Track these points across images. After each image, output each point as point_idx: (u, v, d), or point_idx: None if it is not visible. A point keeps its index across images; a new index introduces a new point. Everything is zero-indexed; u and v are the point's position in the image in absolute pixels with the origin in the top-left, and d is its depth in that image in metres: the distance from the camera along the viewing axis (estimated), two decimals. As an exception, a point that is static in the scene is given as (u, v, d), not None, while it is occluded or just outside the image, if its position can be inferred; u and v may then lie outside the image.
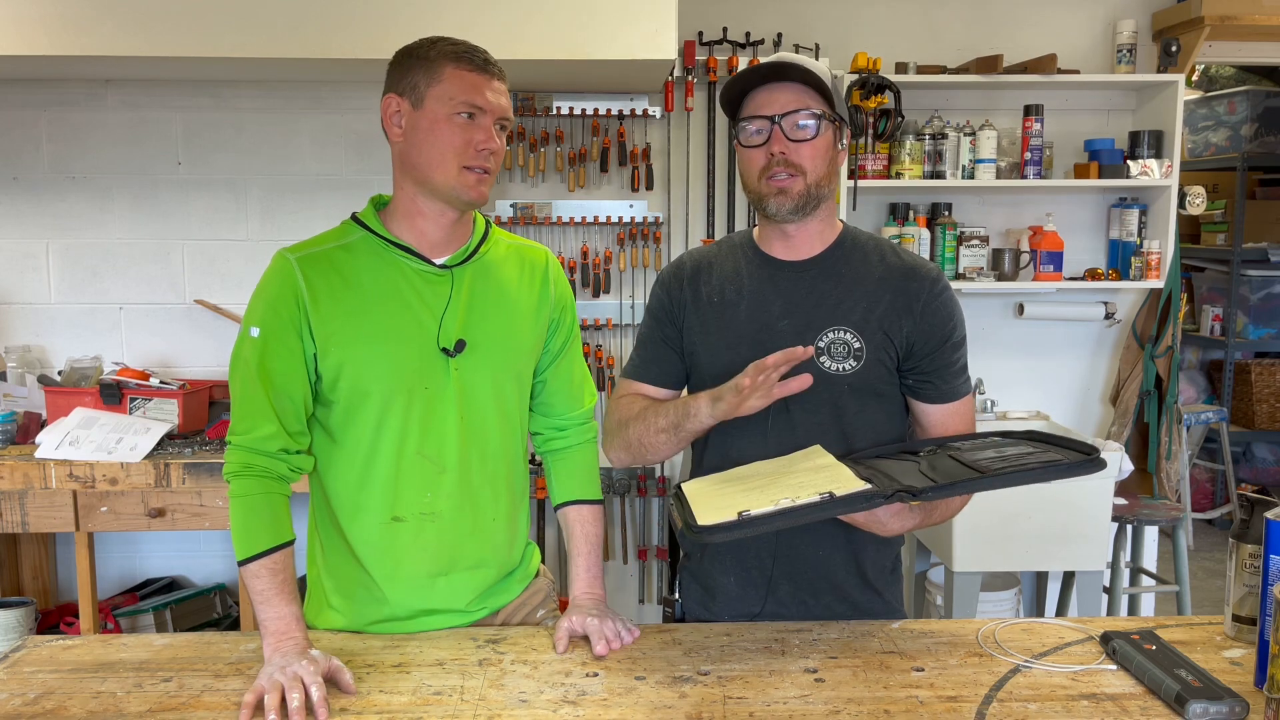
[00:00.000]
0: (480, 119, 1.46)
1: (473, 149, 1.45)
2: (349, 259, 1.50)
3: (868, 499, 1.32)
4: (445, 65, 1.45)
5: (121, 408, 2.97)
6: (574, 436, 1.70)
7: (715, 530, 1.31)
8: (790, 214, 1.54)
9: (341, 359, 1.47)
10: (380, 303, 1.49)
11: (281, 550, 1.44)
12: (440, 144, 1.45)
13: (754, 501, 1.34)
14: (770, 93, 1.53)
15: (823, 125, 1.52)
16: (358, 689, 1.34)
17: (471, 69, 1.46)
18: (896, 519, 1.45)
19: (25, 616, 2.91)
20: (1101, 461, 1.37)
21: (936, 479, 1.37)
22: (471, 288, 1.54)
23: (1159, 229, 3.36)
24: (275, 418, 1.46)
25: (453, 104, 1.44)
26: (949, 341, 1.58)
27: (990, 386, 3.52)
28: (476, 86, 1.45)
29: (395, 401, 1.49)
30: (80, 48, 2.70)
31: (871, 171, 3.29)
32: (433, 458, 1.52)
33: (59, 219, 3.27)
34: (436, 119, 1.45)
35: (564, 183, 3.39)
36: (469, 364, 1.52)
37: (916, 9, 3.43)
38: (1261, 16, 3.29)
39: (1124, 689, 1.32)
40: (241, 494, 1.45)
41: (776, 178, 1.52)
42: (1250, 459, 5.59)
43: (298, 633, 1.39)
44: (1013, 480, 1.36)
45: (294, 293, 1.46)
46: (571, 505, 1.68)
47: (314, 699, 1.27)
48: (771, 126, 1.52)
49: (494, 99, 1.47)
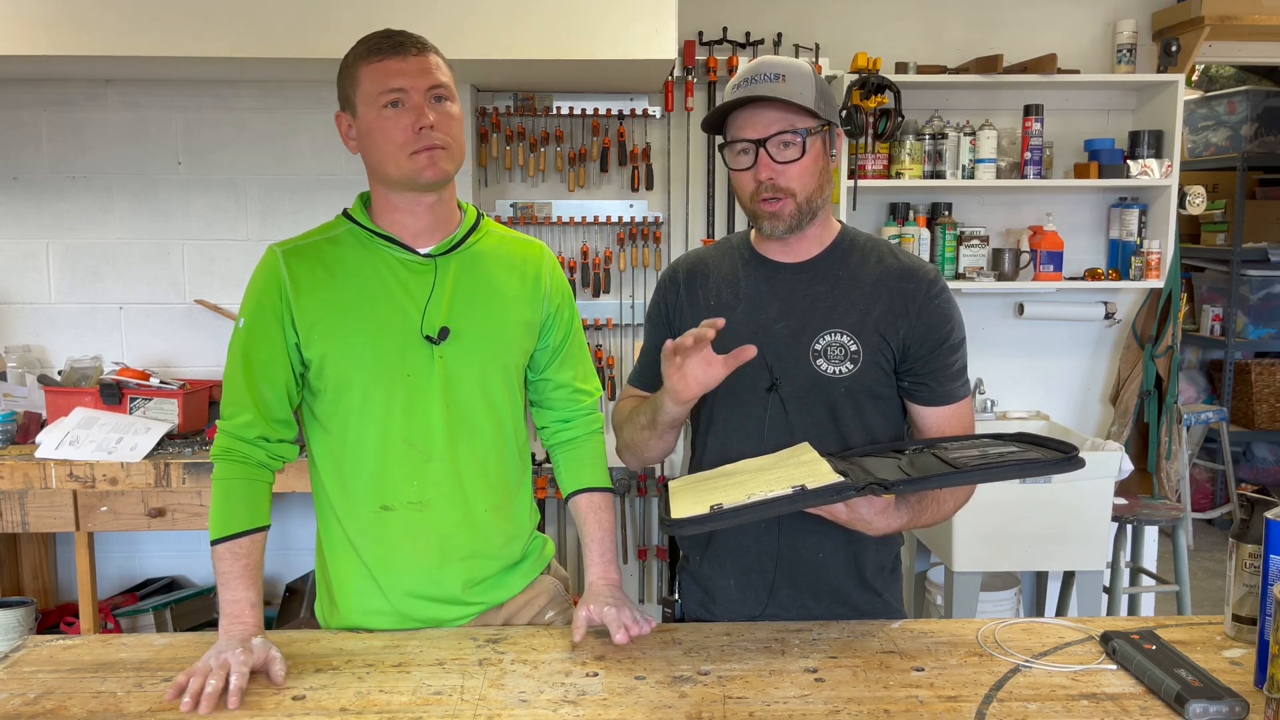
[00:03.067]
0: (407, 100, 1.45)
1: (410, 132, 1.45)
2: (334, 250, 1.53)
3: (838, 491, 1.32)
4: (359, 67, 1.47)
5: (121, 408, 2.97)
6: (580, 428, 1.70)
7: (687, 523, 1.33)
8: (786, 233, 1.55)
9: (325, 348, 1.50)
10: (363, 292, 1.51)
11: (250, 535, 1.48)
12: (381, 141, 1.46)
13: (729, 496, 1.36)
14: (752, 113, 1.50)
15: (809, 141, 1.50)
16: (360, 688, 1.34)
17: (382, 57, 1.45)
18: (882, 518, 1.45)
19: (25, 616, 2.90)
20: (1078, 461, 1.37)
21: (914, 474, 1.37)
22: (457, 277, 1.55)
23: (1159, 229, 3.36)
24: (255, 406, 1.50)
25: (376, 100, 1.45)
26: (945, 344, 1.58)
27: (990, 386, 3.52)
28: (390, 73, 1.45)
29: (378, 389, 1.51)
30: (80, 48, 2.70)
31: (871, 171, 3.29)
32: (419, 446, 1.53)
33: (59, 219, 3.27)
34: (370, 120, 1.46)
35: (564, 183, 3.39)
36: (453, 352, 1.53)
37: (916, 9, 3.43)
38: (1261, 16, 3.29)
39: (1124, 689, 1.32)
40: (221, 477, 1.50)
41: (767, 203, 1.52)
42: (1250, 459, 5.59)
43: (249, 618, 1.43)
44: (985, 476, 1.37)
45: (278, 284, 1.50)
46: (582, 494, 1.69)
47: (231, 687, 1.31)
48: (757, 150, 1.50)
49: (414, 77, 1.45)
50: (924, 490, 1.44)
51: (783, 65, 1.51)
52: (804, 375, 1.56)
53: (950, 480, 1.37)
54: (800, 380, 1.56)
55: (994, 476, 1.38)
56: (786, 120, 1.49)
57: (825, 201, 1.58)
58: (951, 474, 1.36)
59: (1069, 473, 1.37)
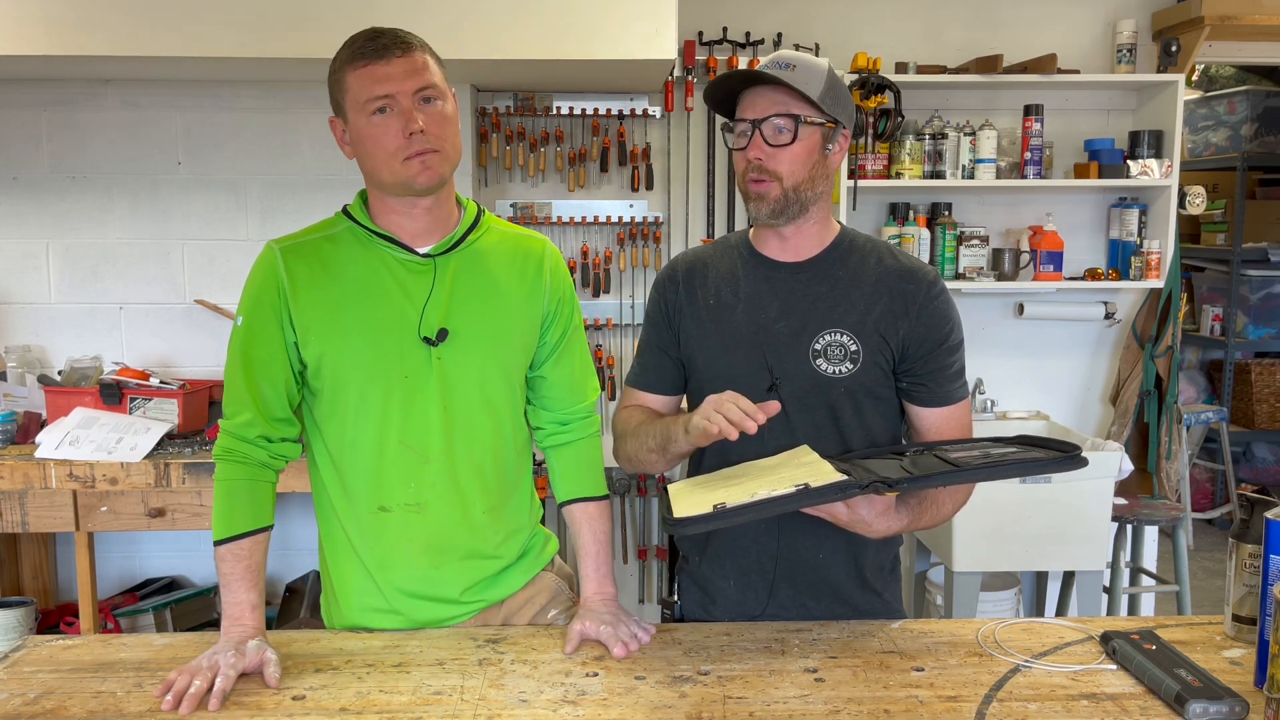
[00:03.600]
0: (395, 106, 1.42)
1: (400, 138, 1.43)
2: (333, 249, 1.52)
3: (842, 489, 1.32)
4: (345, 73, 1.44)
5: (121, 408, 2.97)
6: (576, 431, 1.68)
7: (690, 522, 1.32)
8: (768, 217, 1.55)
9: (322, 347, 1.49)
10: (361, 292, 1.50)
11: (252, 536, 1.47)
12: (372, 149, 1.44)
13: (731, 495, 1.35)
14: (754, 95, 1.53)
15: (803, 129, 1.51)
16: (360, 688, 1.34)
17: (366, 62, 1.42)
18: (882, 519, 1.45)
19: (25, 616, 2.91)
20: (1081, 460, 1.37)
21: (916, 474, 1.37)
22: (456, 276, 1.53)
23: (1159, 229, 3.36)
24: (255, 405, 1.49)
25: (365, 107, 1.43)
26: (944, 344, 1.58)
27: (990, 386, 3.52)
28: (375, 78, 1.42)
29: (375, 390, 1.50)
30: (80, 48, 2.70)
31: (871, 171, 3.29)
32: (416, 448, 1.52)
33: (59, 219, 3.27)
34: (360, 127, 1.44)
35: (564, 183, 3.39)
36: (452, 353, 1.52)
37: (916, 9, 3.43)
38: (1261, 16, 3.29)
39: (1124, 689, 1.32)
40: (223, 477, 1.49)
41: (753, 183, 1.53)
42: (1250, 459, 5.59)
43: (249, 620, 1.43)
44: (988, 475, 1.37)
45: (275, 282, 1.49)
46: (576, 503, 1.67)
47: (214, 689, 1.31)
48: (752, 130, 1.52)
49: (400, 80, 1.42)
50: (927, 489, 1.44)
51: (797, 58, 1.52)
52: (804, 375, 1.56)
53: (954, 478, 1.37)
54: (800, 380, 1.56)
55: (997, 475, 1.38)
56: (784, 105, 1.50)
57: (819, 197, 1.57)
58: (955, 472, 1.36)
59: (1070, 471, 1.37)
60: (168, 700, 1.29)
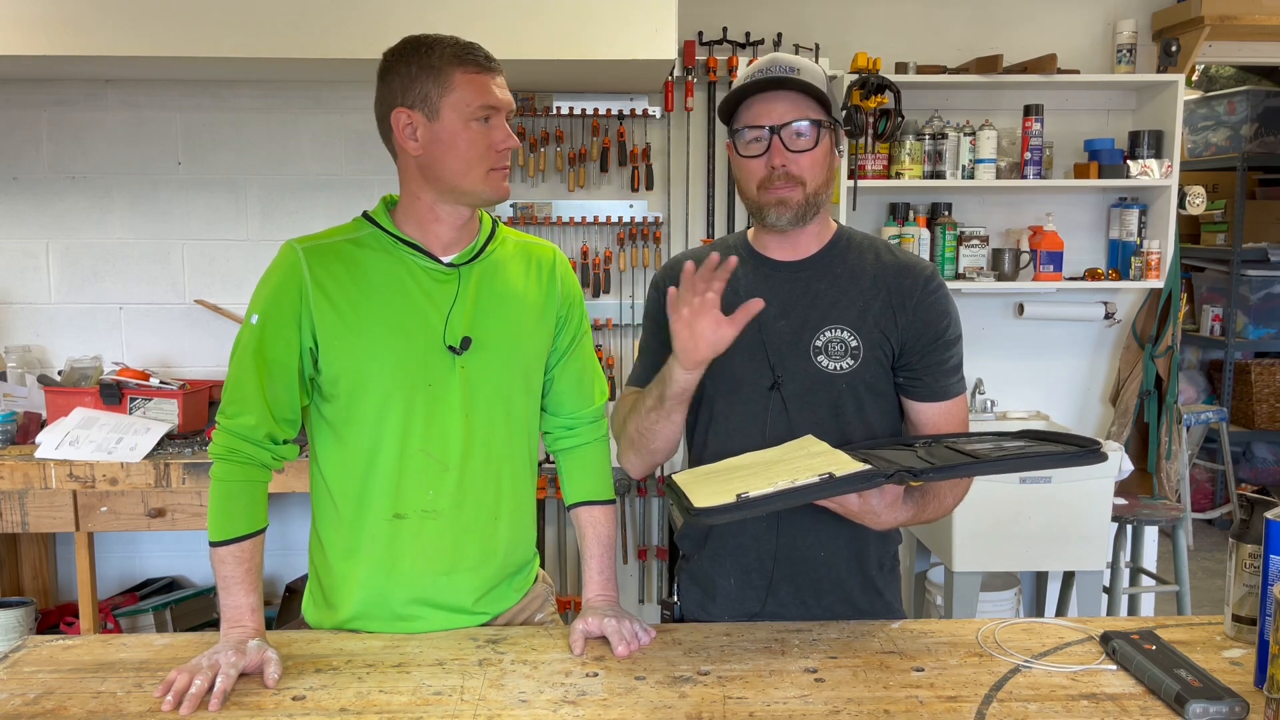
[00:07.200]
0: (496, 119, 1.47)
1: (495, 150, 1.46)
2: (357, 253, 1.50)
3: (868, 479, 1.32)
4: (454, 71, 1.44)
5: (121, 408, 2.97)
6: (585, 434, 1.68)
7: (714, 512, 1.31)
8: (790, 224, 1.55)
9: (343, 353, 1.48)
10: (386, 298, 1.49)
11: (251, 539, 1.46)
12: (465, 153, 1.45)
13: (751, 485, 1.34)
14: (767, 101, 1.51)
15: (821, 133, 1.52)
16: (360, 688, 1.34)
17: (478, 70, 1.46)
18: (890, 510, 1.45)
19: (25, 616, 2.91)
20: (1102, 454, 1.38)
21: (935, 464, 1.37)
22: (479, 286, 1.54)
23: (1159, 229, 3.36)
24: (265, 406, 1.47)
25: (469, 110, 1.44)
26: (941, 339, 1.58)
27: (990, 386, 3.52)
28: (487, 87, 1.45)
29: (398, 398, 1.49)
30: (80, 48, 2.70)
31: (871, 171, 3.29)
32: (436, 455, 1.52)
33: (59, 219, 3.27)
34: (455, 128, 1.44)
35: (564, 183, 3.39)
36: (475, 362, 1.52)
37: (916, 9, 3.43)
38: (1261, 16, 3.29)
39: (1124, 689, 1.32)
40: (222, 478, 1.47)
41: (777, 190, 1.52)
42: (1250, 459, 5.60)
43: (249, 622, 1.43)
44: (1012, 466, 1.37)
45: (298, 284, 1.47)
46: (583, 506, 1.68)
47: (215, 689, 1.30)
48: (770, 137, 1.51)
49: (503, 95, 1.48)
50: (950, 479, 1.43)
51: (797, 62, 1.52)
52: (805, 372, 1.56)
53: (978, 469, 1.36)
54: (802, 377, 1.56)
55: (1020, 467, 1.38)
56: (801, 110, 1.50)
57: (828, 199, 1.59)
58: (979, 463, 1.35)
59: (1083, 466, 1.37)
60: (168, 700, 1.29)
